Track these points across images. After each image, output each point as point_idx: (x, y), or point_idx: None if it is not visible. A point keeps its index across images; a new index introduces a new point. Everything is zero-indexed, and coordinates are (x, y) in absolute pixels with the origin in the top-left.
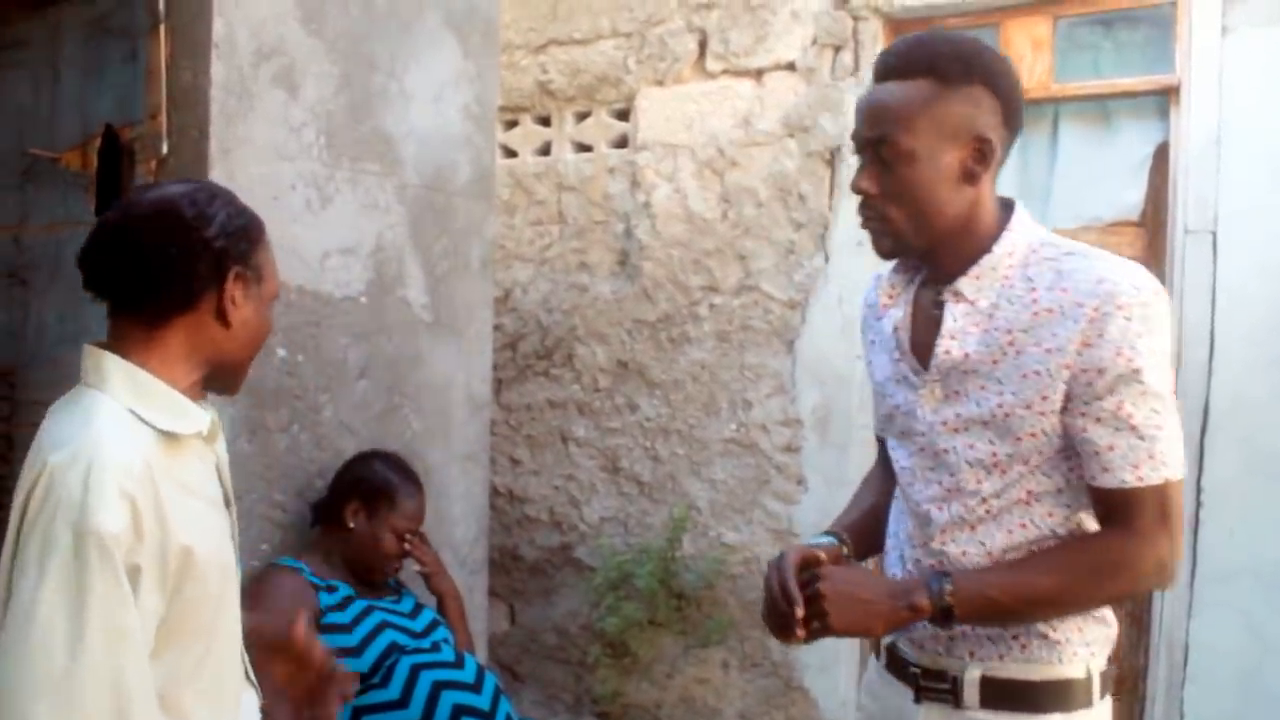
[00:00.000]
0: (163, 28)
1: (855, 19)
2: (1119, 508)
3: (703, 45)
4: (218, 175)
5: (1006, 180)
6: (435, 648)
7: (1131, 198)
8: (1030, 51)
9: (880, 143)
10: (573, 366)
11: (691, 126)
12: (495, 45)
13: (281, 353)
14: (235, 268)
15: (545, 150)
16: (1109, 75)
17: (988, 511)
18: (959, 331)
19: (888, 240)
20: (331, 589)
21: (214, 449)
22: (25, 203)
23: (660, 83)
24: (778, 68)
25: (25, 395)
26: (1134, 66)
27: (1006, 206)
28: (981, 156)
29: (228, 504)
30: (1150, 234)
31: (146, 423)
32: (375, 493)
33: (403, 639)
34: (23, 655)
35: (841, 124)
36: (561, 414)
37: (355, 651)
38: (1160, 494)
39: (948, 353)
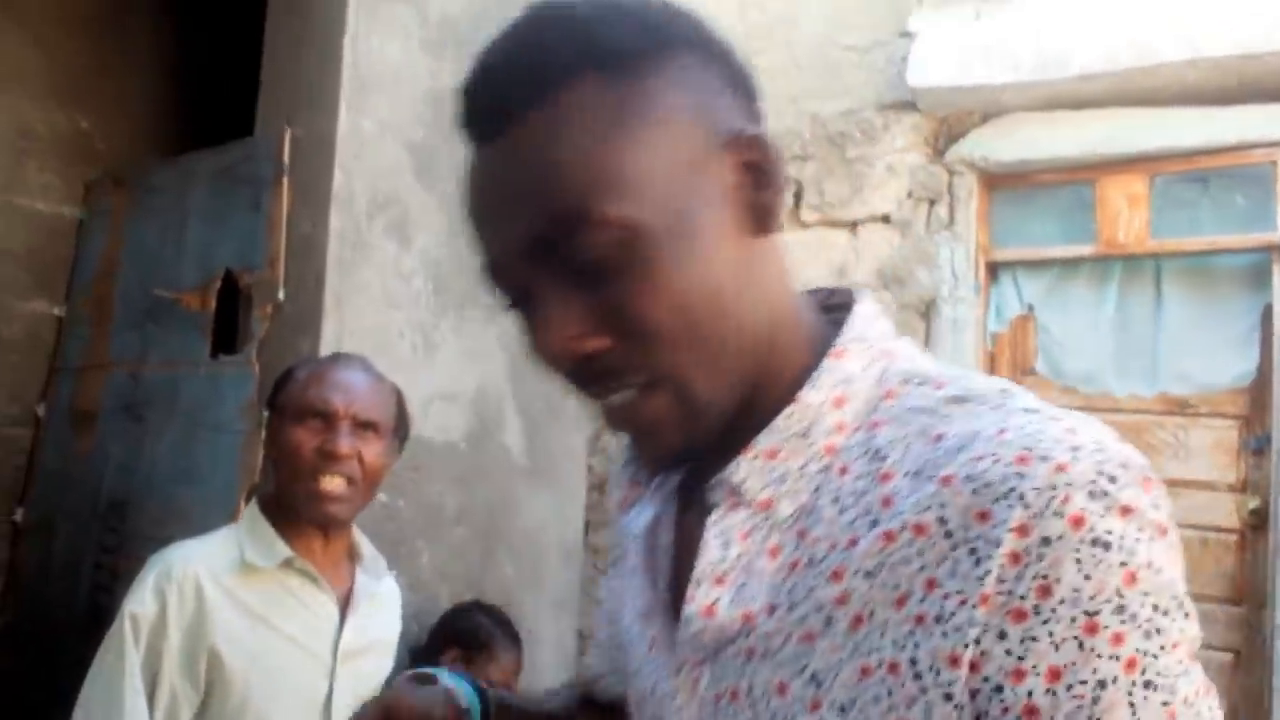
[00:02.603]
0: (286, 179)
1: (950, 173)
2: None
3: (798, 196)
4: (331, 324)
5: (1104, 336)
6: None
7: (1244, 366)
8: (1127, 208)
9: (562, 237)
10: None
11: None
12: None
13: (383, 497)
14: (268, 414)
15: None
16: (1208, 233)
17: None
18: (733, 569)
19: (669, 428)
20: None
21: (327, 600)
22: (145, 340)
23: None
24: (873, 219)
25: (135, 529)
26: (1234, 224)
27: (827, 306)
28: (759, 170)
29: (335, 657)
30: (1256, 391)
31: (243, 552)
32: (474, 644)
33: None
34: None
35: (937, 277)
36: None
37: None
38: None
39: (709, 612)
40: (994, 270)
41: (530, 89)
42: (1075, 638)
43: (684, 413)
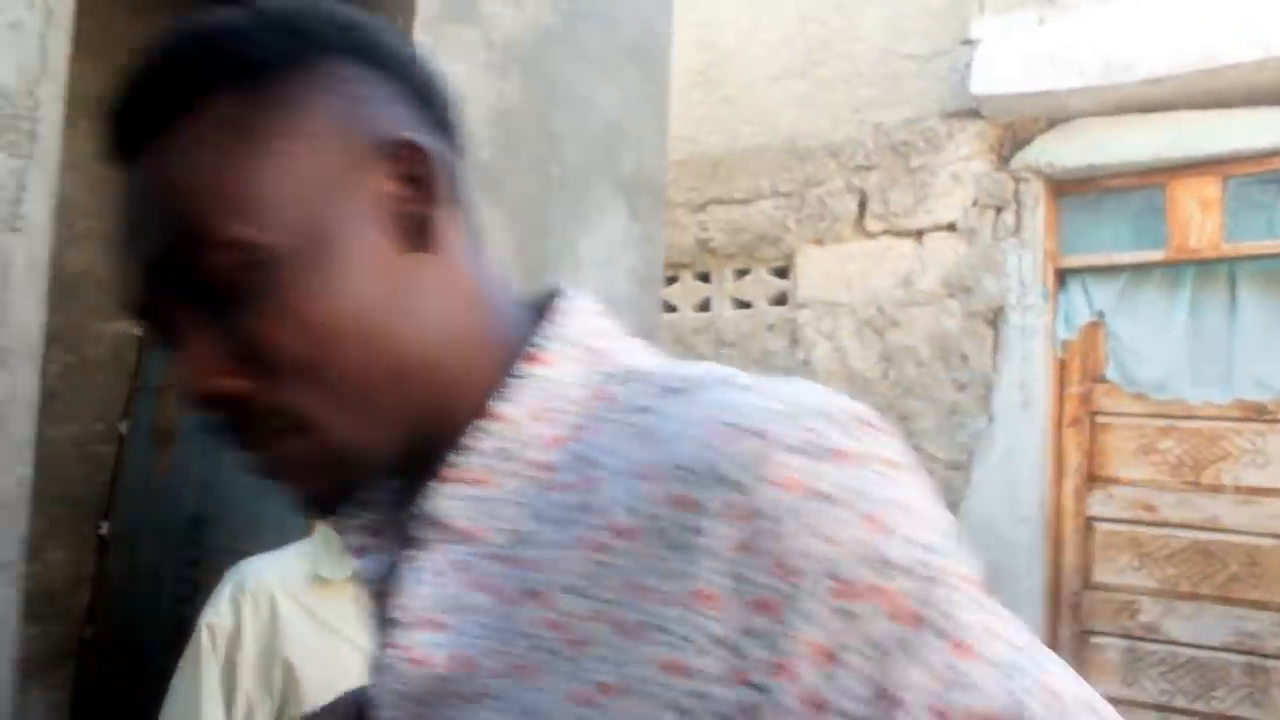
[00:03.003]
0: None
1: (1016, 180)
2: None
3: (862, 205)
4: None
5: (1177, 343)
6: None
7: None
8: (1199, 212)
9: (186, 262)
10: None
11: (851, 285)
12: (661, 208)
13: None
14: None
15: (704, 306)
16: None
17: None
18: (448, 609)
19: (314, 474)
20: None
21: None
22: None
23: (820, 241)
24: (938, 228)
25: (214, 543)
26: None
27: (534, 308)
28: (418, 181)
29: None
30: None
31: (315, 565)
32: None
33: None
34: None
35: (1004, 284)
36: None
37: None
38: None
39: (420, 661)
40: (1062, 277)
41: (159, 109)
42: (833, 607)
43: (328, 456)
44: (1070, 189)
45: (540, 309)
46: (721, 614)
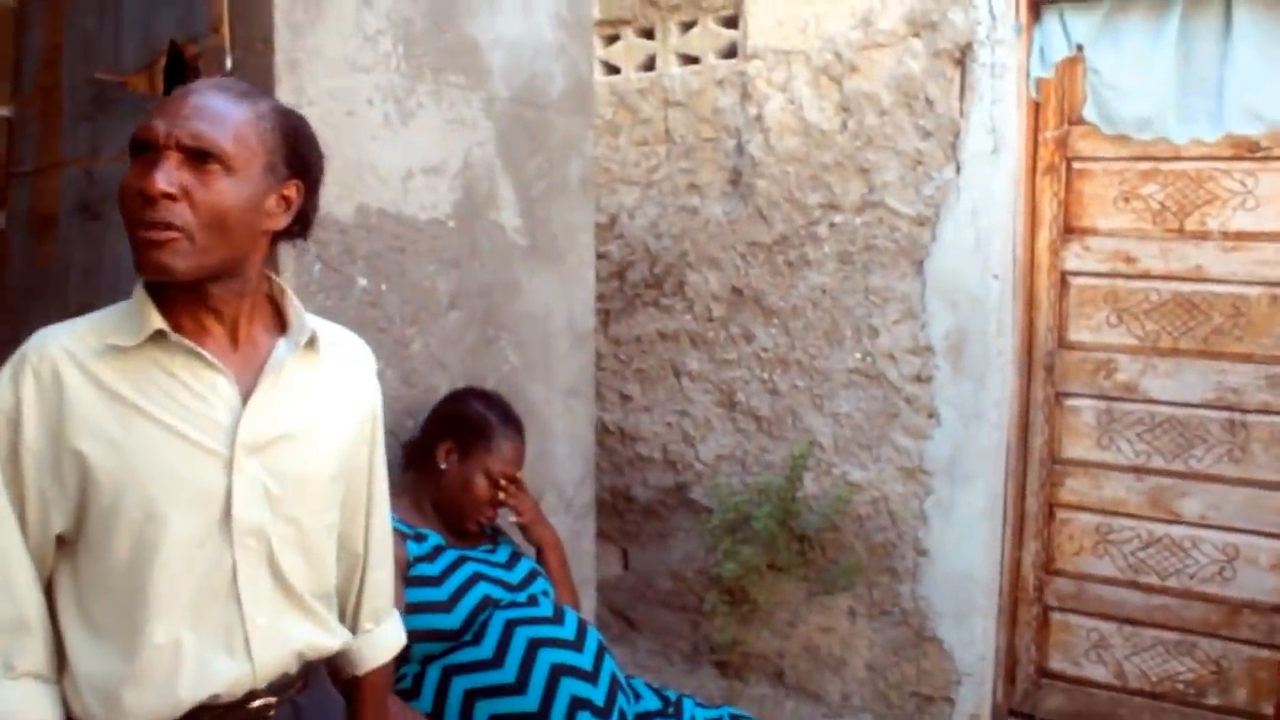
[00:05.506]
0: None
1: None
2: None
3: None
4: (285, 90)
5: (1163, 75)
6: (533, 601)
7: None
8: None
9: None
10: (684, 295)
11: (805, 30)
12: None
13: (363, 281)
14: None
15: (649, 65)
16: None
17: None
18: None
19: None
20: (420, 538)
21: (219, 380)
22: (97, 133)
23: None
24: None
25: None
26: None
27: None
28: None
29: (233, 448)
30: None
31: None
32: (470, 432)
33: (497, 592)
34: None
35: (972, 19)
36: (673, 346)
37: (445, 607)
38: None
39: None
40: (1037, 8)
41: None
42: None
43: None
44: None
45: None
46: None
